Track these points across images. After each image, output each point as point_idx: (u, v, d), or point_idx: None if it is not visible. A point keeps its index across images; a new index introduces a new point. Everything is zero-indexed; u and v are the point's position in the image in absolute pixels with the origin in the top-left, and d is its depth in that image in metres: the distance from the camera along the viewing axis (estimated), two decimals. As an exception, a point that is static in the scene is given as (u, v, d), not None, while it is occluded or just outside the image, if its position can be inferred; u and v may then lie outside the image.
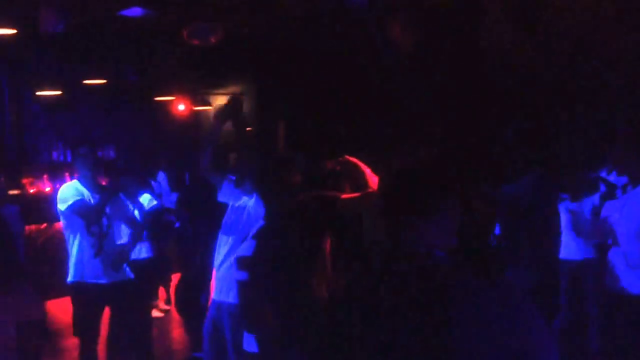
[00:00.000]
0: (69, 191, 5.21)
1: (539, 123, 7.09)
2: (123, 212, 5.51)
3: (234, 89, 12.93)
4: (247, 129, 12.38)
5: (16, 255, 4.61)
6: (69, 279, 5.22)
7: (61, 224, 5.32)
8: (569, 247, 5.60)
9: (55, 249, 8.44)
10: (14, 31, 7.59)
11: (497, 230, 5.52)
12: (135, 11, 6.89)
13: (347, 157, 3.50)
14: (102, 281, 5.18)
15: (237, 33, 8.86)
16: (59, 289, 6.35)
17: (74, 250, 5.19)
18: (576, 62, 7.01)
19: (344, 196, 3.35)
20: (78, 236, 5.19)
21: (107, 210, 5.25)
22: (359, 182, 3.42)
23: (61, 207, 5.17)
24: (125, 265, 5.34)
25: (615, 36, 6.63)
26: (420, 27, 7.51)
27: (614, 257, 4.44)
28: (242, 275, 3.51)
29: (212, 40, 7.64)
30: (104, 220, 5.21)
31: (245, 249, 3.57)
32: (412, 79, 8.39)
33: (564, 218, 5.55)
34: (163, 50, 9.98)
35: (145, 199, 6.48)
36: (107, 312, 5.35)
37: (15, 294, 3.20)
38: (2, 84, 11.00)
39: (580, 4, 6.68)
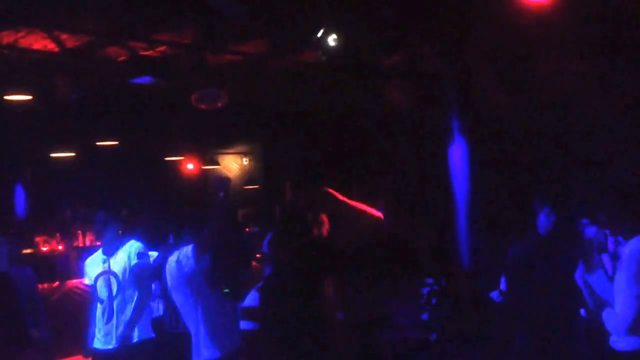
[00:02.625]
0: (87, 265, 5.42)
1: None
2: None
3: (240, 148, 13.32)
4: (255, 187, 12.77)
5: (21, 318, 4.69)
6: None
7: (73, 282, 5.34)
8: None
9: (68, 308, 8.61)
10: (29, 97, 7.95)
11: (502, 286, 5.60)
12: (146, 79, 7.22)
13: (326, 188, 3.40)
14: (111, 347, 5.19)
15: (241, 97, 9.20)
16: (72, 348, 6.41)
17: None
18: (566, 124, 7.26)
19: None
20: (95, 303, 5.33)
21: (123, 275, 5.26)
22: (339, 211, 3.37)
23: None
24: (135, 328, 5.26)
25: (599, 98, 6.90)
26: (416, 90, 7.84)
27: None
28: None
29: (219, 104, 7.98)
30: (117, 286, 5.23)
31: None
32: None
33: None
34: (173, 114, 10.35)
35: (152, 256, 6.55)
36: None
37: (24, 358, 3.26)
38: (17, 146, 11.34)
39: (566, 68, 6.97)
